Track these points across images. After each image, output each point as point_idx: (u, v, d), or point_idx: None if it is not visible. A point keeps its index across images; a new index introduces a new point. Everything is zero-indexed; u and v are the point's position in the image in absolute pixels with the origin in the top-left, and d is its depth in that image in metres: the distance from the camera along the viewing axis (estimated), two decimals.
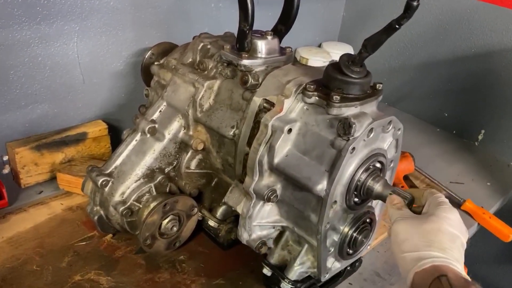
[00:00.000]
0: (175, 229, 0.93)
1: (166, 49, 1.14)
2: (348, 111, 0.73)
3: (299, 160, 0.77)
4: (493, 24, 1.48)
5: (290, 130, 0.77)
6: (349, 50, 1.85)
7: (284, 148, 0.78)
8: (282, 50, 0.92)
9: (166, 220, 0.92)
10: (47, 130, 1.19)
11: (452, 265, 0.64)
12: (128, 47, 1.26)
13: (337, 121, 0.73)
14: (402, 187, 1.25)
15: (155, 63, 1.06)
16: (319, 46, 1.90)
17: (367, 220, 0.85)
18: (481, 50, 1.54)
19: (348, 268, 0.95)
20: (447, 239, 0.68)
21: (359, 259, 0.97)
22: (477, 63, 1.56)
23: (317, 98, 0.75)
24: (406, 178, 1.30)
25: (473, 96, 1.60)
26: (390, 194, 0.75)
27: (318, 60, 1.72)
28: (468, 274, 0.67)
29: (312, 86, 0.75)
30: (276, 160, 0.78)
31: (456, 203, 1.27)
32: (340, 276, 0.95)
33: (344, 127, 0.71)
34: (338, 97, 0.72)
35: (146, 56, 1.14)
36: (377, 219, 0.89)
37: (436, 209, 0.72)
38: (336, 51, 1.81)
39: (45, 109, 1.17)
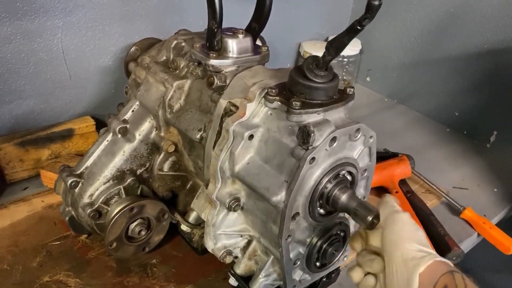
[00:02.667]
0: (143, 233, 0.90)
1: (152, 44, 1.11)
2: (310, 118, 0.68)
3: (259, 168, 0.72)
4: (507, 18, 1.38)
5: (251, 136, 0.73)
6: (357, 44, 1.77)
7: (245, 155, 0.74)
8: (256, 49, 0.87)
9: (134, 224, 0.89)
10: (34, 126, 1.19)
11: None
12: (116, 42, 1.24)
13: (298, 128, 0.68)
14: (397, 192, 1.19)
15: (137, 59, 1.04)
16: (326, 40, 1.83)
17: (338, 231, 0.80)
18: (494, 46, 1.43)
19: (324, 279, 0.90)
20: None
21: (336, 270, 0.91)
22: (491, 60, 1.46)
23: (279, 103, 0.70)
24: (403, 182, 1.23)
25: (486, 95, 1.50)
26: (351, 207, 0.70)
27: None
28: None
29: (274, 90, 0.70)
30: (237, 167, 0.74)
31: (455, 211, 1.19)
32: (314, 287, 0.90)
33: (303, 135, 0.66)
34: (298, 103, 0.67)
35: (130, 52, 1.11)
36: (352, 230, 0.84)
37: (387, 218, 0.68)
38: None
39: (31, 105, 1.17)
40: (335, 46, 0.66)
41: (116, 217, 0.86)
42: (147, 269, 0.95)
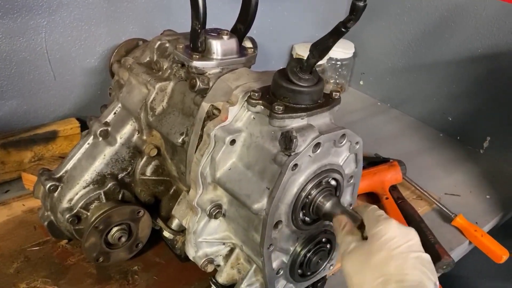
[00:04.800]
0: (123, 239, 0.88)
1: (138, 45, 1.09)
2: (293, 123, 0.66)
3: (241, 174, 0.70)
4: (501, 23, 1.36)
5: (233, 141, 0.70)
6: (350, 47, 1.75)
7: (227, 160, 0.71)
8: (242, 51, 0.84)
9: (111, 233, 0.86)
10: (17, 128, 1.16)
11: None
12: (102, 43, 1.21)
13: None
14: (387, 198, 1.16)
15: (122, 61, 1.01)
16: None
17: (324, 240, 0.77)
18: (488, 51, 1.41)
19: None
20: (402, 264, 0.59)
21: (322, 279, 0.89)
22: (485, 65, 1.44)
23: (261, 107, 0.68)
24: (394, 188, 1.21)
25: (480, 100, 1.48)
26: (335, 215, 0.67)
27: None
28: None
29: (257, 94, 0.68)
30: (218, 173, 0.71)
31: (447, 218, 1.17)
32: None
33: (286, 141, 0.63)
34: (281, 107, 0.64)
35: (115, 53, 1.08)
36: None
37: (374, 229, 0.62)
38: (335, 48, 1.70)
39: (13, 106, 1.14)
40: (320, 48, 0.64)
41: (86, 239, 0.83)
42: (128, 276, 0.92)
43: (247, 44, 0.96)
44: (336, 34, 0.61)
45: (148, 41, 1.09)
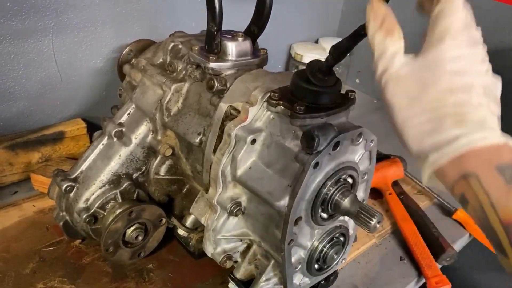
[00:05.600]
0: (140, 238, 0.89)
1: (146, 46, 1.09)
2: (313, 122, 0.68)
3: (262, 173, 0.72)
4: (498, 24, 1.40)
5: (254, 141, 0.72)
6: None
7: (248, 159, 0.73)
8: (255, 52, 0.86)
9: (131, 229, 0.88)
10: (24, 129, 1.16)
11: (488, 139, 0.45)
12: (108, 44, 1.22)
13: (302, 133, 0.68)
14: (390, 193, 1.20)
15: (132, 61, 1.02)
16: (316, 42, 1.83)
17: (338, 235, 0.80)
18: (487, 50, 1.45)
19: (322, 282, 0.90)
20: (464, 97, 0.46)
21: (334, 273, 0.92)
22: None
23: (282, 107, 0.70)
24: (395, 184, 1.24)
25: None
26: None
27: (313, 57, 1.66)
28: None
29: (277, 95, 0.70)
30: (239, 172, 0.73)
31: (447, 212, 1.21)
32: None
33: (307, 140, 0.65)
34: (302, 108, 0.67)
35: (124, 53, 1.09)
36: (351, 232, 0.84)
37: (435, 43, 0.48)
38: None
39: (20, 107, 1.14)
40: (340, 50, 0.66)
41: (114, 220, 0.84)
42: (143, 274, 0.93)
43: None
44: (357, 37, 0.64)
45: (155, 42, 1.11)
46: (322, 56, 1.68)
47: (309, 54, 1.66)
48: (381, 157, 1.30)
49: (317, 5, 1.76)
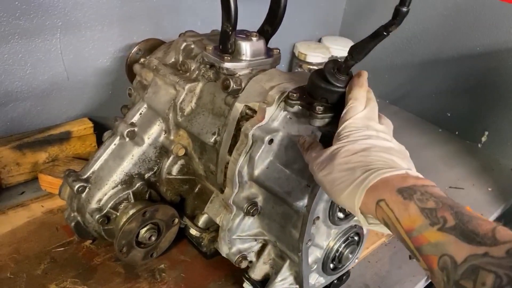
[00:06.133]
0: (153, 238, 0.89)
1: (154, 45, 1.09)
2: (332, 122, 0.68)
3: (280, 173, 0.72)
4: (499, 21, 1.41)
5: (271, 141, 0.72)
6: (350, 44, 1.78)
7: (265, 159, 0.73)
8: (268, 52, 0.86)
9: (145, 229, 0.87)
10: (30, 129, 1.15)
11: (392, 172, 0.55)
12: (114, 43, 1.21)
13: (320, 133, 0.68)
14: None
15: (140, 61, 1.01)
16: (319, 40, 1.83)
17: (353, 234, 0.80)
18: (486, 49, 1.47)
19: (335, 281, 0.91)
20: (366, 154, 0.59)
21: (346, 272, 0.92)
22: (482, 62, 1.49)
23: (299, 107, 0.70)
24: None
25: (477, 96, 1.53)
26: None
27: (317, 56, 1.67)
28: None
29: (295, 94, 0.70)
30: (257, 172, 0.73)
31: None
32: None
33: (324, 140, 0.66)
34: (321, 108, 0.67)
35: (132, 52, 1.09)
36: (365, 232, 0.84)
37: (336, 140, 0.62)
38: (336, 46, 1.75)
39: (27, 107, 1.13)
40: (359, 51, 0.66)
41: (128, 221, 0.84)
42: (155, 274, 0.93)
43: None
44: (376, 38, 0.64)
45: (163, 41, 1.11)
46: (326, 55, 1.69)
47: (313, 53, 1.66)
48: None
49: (320, 4, 1.76)
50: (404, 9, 0.59)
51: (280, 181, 0.71)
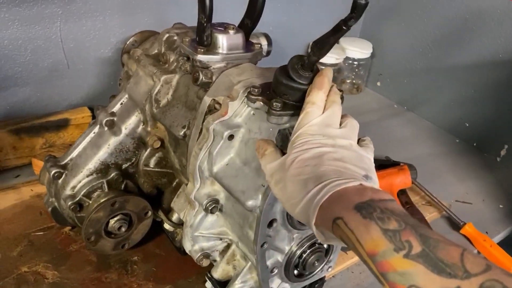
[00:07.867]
0: (123, 229, 0.88)
1: (149, 38, 1.09)
2: (291, 120, 0.65)
3: (238, 170, 0.69)
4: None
5: (231, 136, 0.70)
6: (368, 47, 1.72)
7: (225, 155, 0.71)
8: (248, 47, 0.84)
9: (114, 219, 0.87)
10: (30, 114, 1.18)
11: (346, 184, 0.50)
12: (116, 34, 1.22)
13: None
14: None
15: (130, 52, 1.01)
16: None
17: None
18: (510, 56, 1.37)
19: None
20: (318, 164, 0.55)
21: (320, 280, 0.88)
22: (505, 70, 1.39)
23: (261, 103, 0.67)
24: (403, 192, 1.19)
25: (498, 106, 1.44)
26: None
27: (331, 56, 1.62)
28: None
29: (256, 90, 0.67)
30: (215, 168, 0.71)
31: (456, 226, 1.14)
32: None
33: (282, 139, 0.62)
34: (279, 104, 0.64)
35: (128, 43, 1.09)
36: None
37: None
38: (353, 48, 1.70)
39: (27, 92, 1.16)
40: (320, 46, 0.63)
41: (96, 209, 0.84)
42: (127, 266, 0.92)
43: (262, 41, 0.96)
44: (337, 32, 0.60)
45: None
46: (340, 56, 1.64)
47: (328, 53, 1.61)
48: (389, 164, 1.24)
49: (338, 3, 1.70)
50: (363, 2, 0.55)
51: (236, 179, 0.69)
